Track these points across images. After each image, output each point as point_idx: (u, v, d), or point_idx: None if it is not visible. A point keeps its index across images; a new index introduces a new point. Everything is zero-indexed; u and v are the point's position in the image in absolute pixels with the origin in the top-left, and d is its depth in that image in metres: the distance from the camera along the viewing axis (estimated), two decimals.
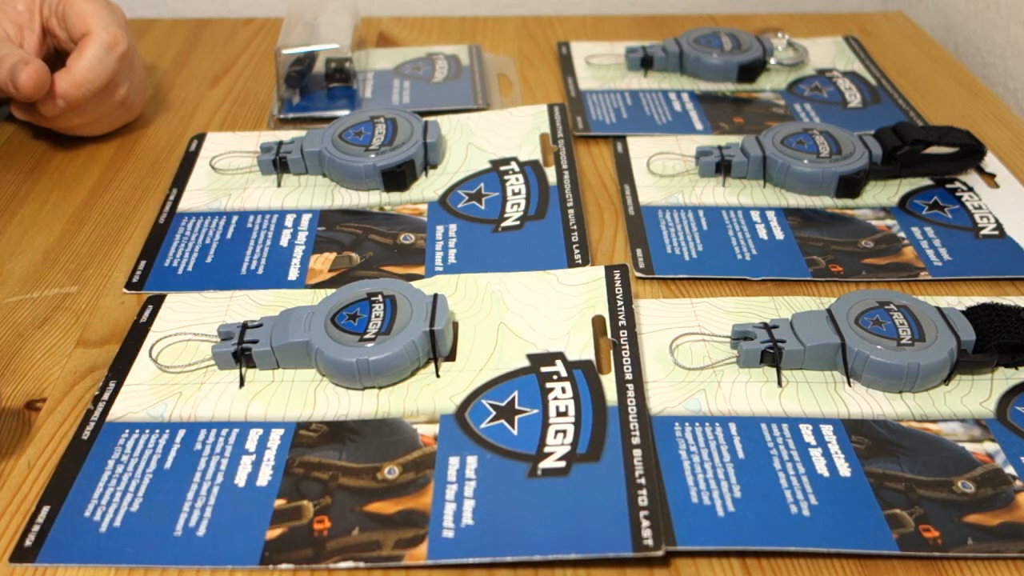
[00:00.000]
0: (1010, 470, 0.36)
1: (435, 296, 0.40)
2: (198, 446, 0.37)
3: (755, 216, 0.50)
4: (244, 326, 0.40)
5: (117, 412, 0.38)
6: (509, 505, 0.33)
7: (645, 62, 0.65)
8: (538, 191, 0.51)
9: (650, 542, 0.32)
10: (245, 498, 0.34)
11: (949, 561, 0.33)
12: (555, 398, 0.37)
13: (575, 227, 0.48)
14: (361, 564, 0.32)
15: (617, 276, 0.43)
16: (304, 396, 0.39)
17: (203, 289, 0.45)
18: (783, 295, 0.45)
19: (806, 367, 0.40)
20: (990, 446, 0.37)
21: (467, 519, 0.33)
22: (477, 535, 0.32)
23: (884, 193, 0.52)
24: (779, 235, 0.49)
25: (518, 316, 0.42)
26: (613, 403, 0.37)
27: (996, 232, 0.49)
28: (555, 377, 0.38)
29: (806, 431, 0.37)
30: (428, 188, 0.52)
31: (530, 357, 0.39)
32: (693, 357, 0.41)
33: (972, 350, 0.39)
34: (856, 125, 0.58)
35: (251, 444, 0.36)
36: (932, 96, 0.64)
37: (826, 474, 0.35)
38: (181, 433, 0.37)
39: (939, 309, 0.41)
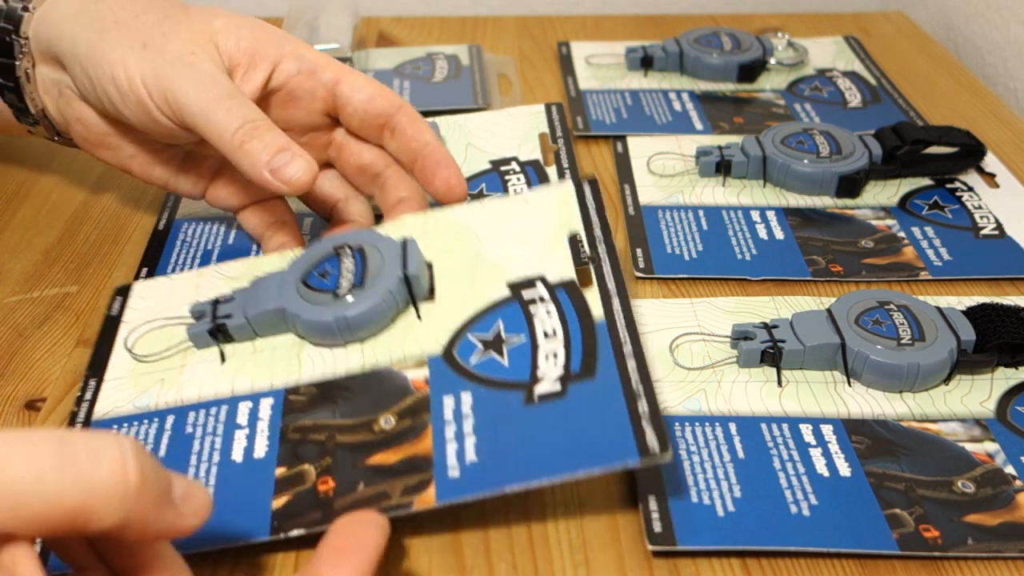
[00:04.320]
0: (1010, 470, 0.36)
1: (404, 241, 0.39)
2: (189, 429, 0.36)
3: (755, 216, 0.50)
4: (216, 302, 0.39)
5: (102, 409, 0.38)
6: (510, 435, 0.33)
7: (645, 62, 0.65)
8: None
9: (656, 447, 0.31)
10: (245, 472, 0.34)
11: (949, 561, 0.33)
12: (541, 321, 0.36)
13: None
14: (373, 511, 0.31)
15: (588, 190, 0.41)
16: (288, 361, 0.38)
17: None
18: (783, 295, 0.45)
19: (806, 367, 0.40)
20: (990, 446, 0.37)
21: (471, 456, 0.32)
22: (483, 470, 0.32)
23: (884, 193, 0.52)
24: (779, 235, 0.49)
25: (492, 245, 0.40)
26: (600, 318, 0.36)
27: (996, 232, 0.49)
28: (538, 301, 0.37)
29: (806, 431, 0.37)
30: None
31: (510, 286, 0.38)
32: (693, 357, 0.41)
33: (972, 350, 0.39)
34: (856, 125, 0.58)
35: (242, 418, 0.36)
36: (932, 96, 0.64)
37: (826, 474, 0.35)
38: (170, 419, 0.37)
39: (939, 309, 0.41)
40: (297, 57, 0.42)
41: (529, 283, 0.38)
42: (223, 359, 0.39)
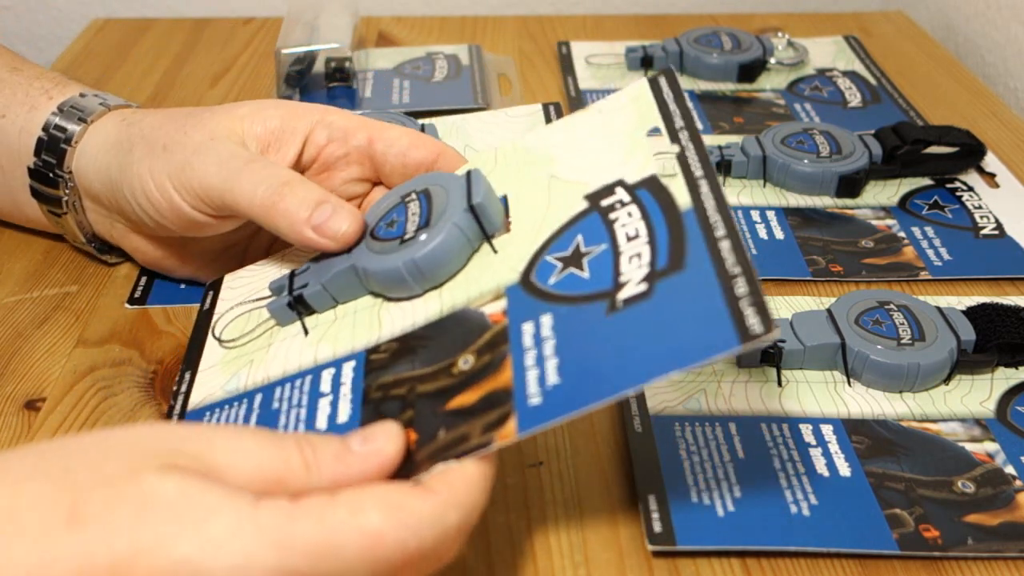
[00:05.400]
0: (1010, 470, 0.36)
1: (468, 173, 0.37)
2: (276, 404, 0.35)
3: (755, 216, 0.50)
4: (292, 275, 0.38)
5: (196, 399, 0.37)
6: (595, 348, 0.29)
7: (645, 62, 0.65)
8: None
9: (758, 328, 0.27)
10: None
11: (949, 561, 0.33)
12: (623, 225, 0.33)
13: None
14: (452, 462, 0.29)
15: (664, 82, 0.37)
16: (369, 322, 0.36)
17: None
18: (783, 295, 0.45)
19: (806, 367, 0.40)
20: (990, 446, 0.37)
21: (552, 379, 0.29)
22: (567, 391, 0.29)
23: (884, 193, 0.52)
24: (779, 235, 0.49)
25: (567, 163, 0.37)
26: (687, 206, 0.31)
27: (996, 232, 0.49)
28: (618, 205, 0.33)
29: (806, 431, 0.37)
30: None
31: (587, 197, 0.34)
32: None
33: (972, 350, 0.39)
34: (856, 125, 0.58)
35: (325, 386, 0.34)
36: (932, 96, 0.64)
37: (826, 474, 0.35)
38: (258, 398, 0.35)
39: (939, 309, 0.41)
40: (326, 125, 0.40)
41: (607, 190, 0.34)
42: (306, 332, 0.37)
